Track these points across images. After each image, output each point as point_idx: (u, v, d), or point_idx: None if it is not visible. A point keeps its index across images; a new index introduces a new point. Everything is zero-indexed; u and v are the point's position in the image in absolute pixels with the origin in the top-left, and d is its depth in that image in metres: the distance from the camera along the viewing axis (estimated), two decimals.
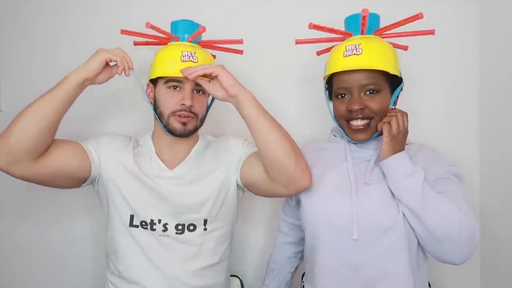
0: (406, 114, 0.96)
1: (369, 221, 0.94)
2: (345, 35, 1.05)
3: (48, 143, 0.99)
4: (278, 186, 1.02)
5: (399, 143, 0.94)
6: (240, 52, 1.21)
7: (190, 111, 1.06)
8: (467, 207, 0.90)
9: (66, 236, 1.44)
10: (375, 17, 1.04)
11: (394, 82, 1.00)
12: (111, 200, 1.09)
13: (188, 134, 1.09)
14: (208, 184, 1.11)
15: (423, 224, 0.89)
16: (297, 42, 1.13)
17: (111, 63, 1.03)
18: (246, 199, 1.23)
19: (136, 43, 1.18)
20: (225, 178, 1.12)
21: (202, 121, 1.12)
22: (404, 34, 1.05)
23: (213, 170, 1.12)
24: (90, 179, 1.09)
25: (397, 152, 0.94)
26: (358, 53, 0.96)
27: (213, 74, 1.00)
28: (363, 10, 0.95)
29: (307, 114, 1.42)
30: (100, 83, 1.04)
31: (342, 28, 1.07)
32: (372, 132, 0.99)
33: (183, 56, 1.04)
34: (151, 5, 1.42)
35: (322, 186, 1.03)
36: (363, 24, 0.98)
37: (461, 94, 1.39)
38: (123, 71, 1.03)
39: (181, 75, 1.03)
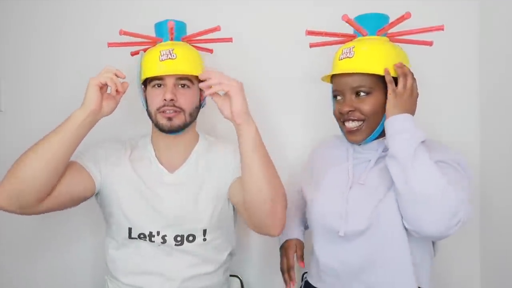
0: (412, 74, 0.96)
1: (356, 219, 0.96)
2: (348, 37, 1.05)
3: (56, 182, 0.96)
4: (249, 221, 1.02)
5: (404, 102, 0.94)
6: (229, 40, 1.20)
7: (174, 106, 1.05)
8: (464, 195, 0.87)
9: (66, 236, 1.44)
10: (381, 18, 1.03)
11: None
12: (110, 212, 1.09)
13: (177, 129, 1.07)
14: (207, 192, 1.09)
15: (407, 181, 0.87)
16: (308, 33, 1.10)
17: (108, 90, 1.01)
18: None
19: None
20: (223, 187, 1.11)
21: (192, 115, 1.10)
22: (410, 32, 1.04)
23: (212, 177, 1.11)
24: (94, 195, 1.09)
25: (404, 113, 0.93)
26: (350, 56, 0.98)
27: (229, 93, 0.93)
28: (343, 16, 0.98)
29: (316, 115, 1.41)
30: (109, 113, 1.02)
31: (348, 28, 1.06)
32: (366, 133, 0.99)
33: (161, 56, 1.06)
34: (159, 8, 1.40)
35: (322, 185, 1.06)
36: (357, 28, 1.00)
37: (461, 94, 1.39)
38: (116, 91, 1.00)
39: (160, 73, 1.04)
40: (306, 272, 1.18)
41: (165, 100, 1.04)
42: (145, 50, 1.16)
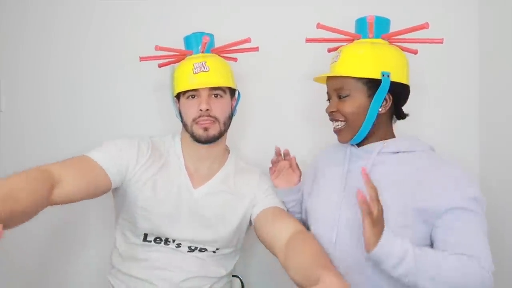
0: (375, 201, 0.85)
1: (348, 227, 0.97)
2: (353, 37, 1.06)
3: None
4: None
5: (380, 224, 0.86)
6: (256, 49, 1.22)
7: (209, 116, 1.08)
8: (485, 247, 0.89)
9: (72, 237, 1.45)
10: (383, 21, 1.04)
11: (376, 85, 0.97)
12: (129, 210, 1.10)
13: (212, 139, 1.11)
14: (227, 219, 1.13)
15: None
16: (307, 41, 1.14)
17: None
18: None
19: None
20: (242, 218, 1.15)
21: (226, 125, 1.14)
22: (411, 40, 1.05)
23: (235, 204, 1.15)
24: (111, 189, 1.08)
25: (382, 234, 0.86)
26: (335, 61, 1.02)
27: None
28: (317, 25, 1.04)
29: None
30: None
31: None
32: (350, 134, 1.01)
33: (195, 68, 1.10)
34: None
35: (319, 189, 1.09)
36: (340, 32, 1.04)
37: (461, 95, 1.40)
38: None
39: (194, 86, 1.08)
40: None
41: (200, 110, 1.08)
42: (169, 63, 1.20)
